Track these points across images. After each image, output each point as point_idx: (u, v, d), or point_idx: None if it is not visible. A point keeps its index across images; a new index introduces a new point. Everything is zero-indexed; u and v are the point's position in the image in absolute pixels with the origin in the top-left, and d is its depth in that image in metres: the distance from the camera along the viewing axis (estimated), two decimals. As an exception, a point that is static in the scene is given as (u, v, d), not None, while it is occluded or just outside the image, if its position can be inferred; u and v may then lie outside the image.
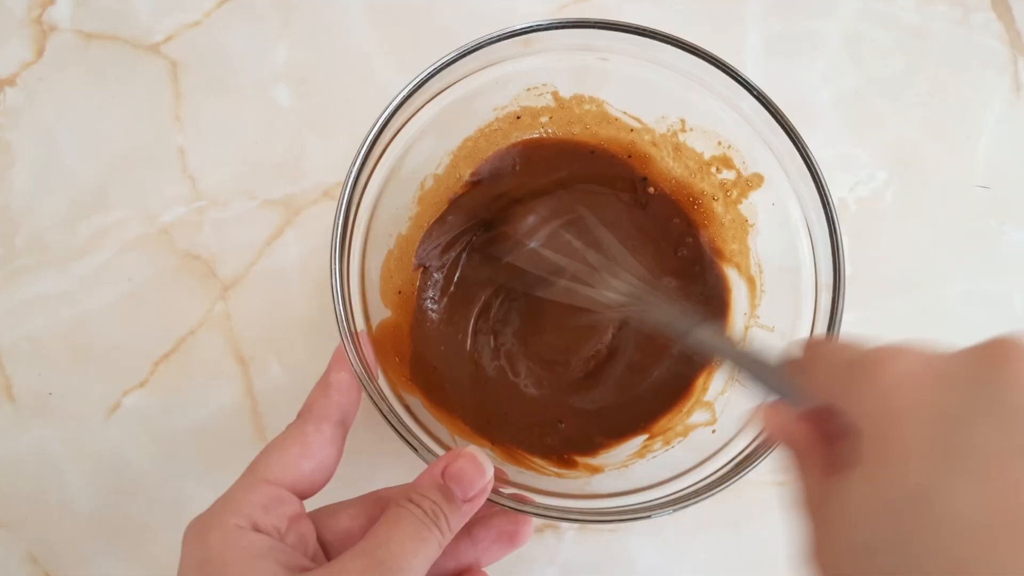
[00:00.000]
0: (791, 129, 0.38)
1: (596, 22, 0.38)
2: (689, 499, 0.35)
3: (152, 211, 0.47)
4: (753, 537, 0.46)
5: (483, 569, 0.36)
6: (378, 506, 0.35)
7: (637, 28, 0.38)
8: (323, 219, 0.47)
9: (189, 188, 0.48)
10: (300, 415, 0.35)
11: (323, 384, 0.35)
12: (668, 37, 0.38)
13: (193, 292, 0.46)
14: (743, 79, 0.38)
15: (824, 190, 0.37)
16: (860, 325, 0.47)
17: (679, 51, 0.38)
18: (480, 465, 0.32)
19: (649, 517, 0.35)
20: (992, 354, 0.23)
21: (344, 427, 0.35)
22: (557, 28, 0.38)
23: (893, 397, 0.23)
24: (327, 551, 0.33)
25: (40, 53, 0.49)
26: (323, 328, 0.46)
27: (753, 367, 0.31)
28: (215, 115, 0.48)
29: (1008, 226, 0.49)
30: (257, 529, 0.30)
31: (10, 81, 0.48)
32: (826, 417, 0.27)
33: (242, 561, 0.28)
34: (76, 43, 0.49)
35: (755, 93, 0.38)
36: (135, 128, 0.48)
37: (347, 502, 0.35)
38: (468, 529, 0.35)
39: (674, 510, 0.35)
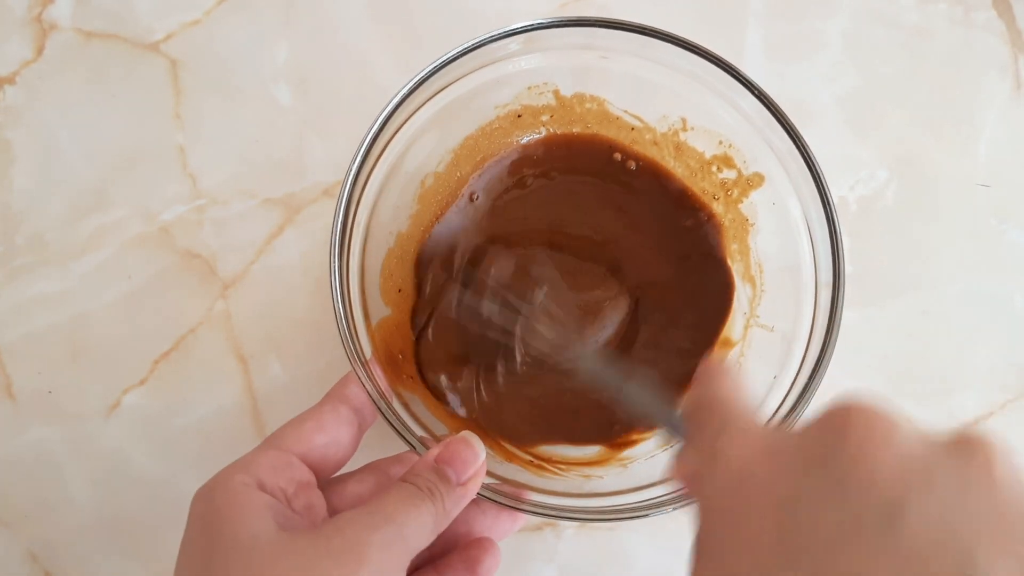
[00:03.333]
0: (791, 128, 0.38)
1: (597, 21, 0.38)
2: (688, 498, 0.35)
3: (152, 210, 0.47)
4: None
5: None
6: (381, 472, 0.36)
7: (638, 27, 0.38)
8: (323, 218, 0.47)
9: (189, 187, 0.48)
10: (320, 400, 0.35)
11: (343, 379, 0.36)
12: (669, 36, 0.38)
13: (193, 291, 0.46)
14: (744, 78, 0.38)
15: (824, 189, 0.37)
16: (860, 324, 0.47)
17: (680, 50, 0.38)
18: (473, 447, 0.33)
19: (647, 516, 0.35)
20: (828, 427, 0.21)
21: (362, 415, 0.35)
22: (558, 27, 0.38)
23: (733, 490, 0.22)
24: None
25: (40, 52, 0.49)
26: (323, 327, 0.46)
27: (664, 418, 0.31)
28: (215, 114, 0.48)
29: (1009, 225, 0.49)
30: (263, 489, 0.30)
31: (10, 80, 0.48)
32: None
33: (240, 515, 0.28)
34: (76, 42, 0.49)
35: (756, 92, 0.38)
36: (135, 127, 0.48)
37: (351, 472, 0.36)
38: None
39: (673, 508, 0.35)
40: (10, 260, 0.47)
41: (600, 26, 0.38)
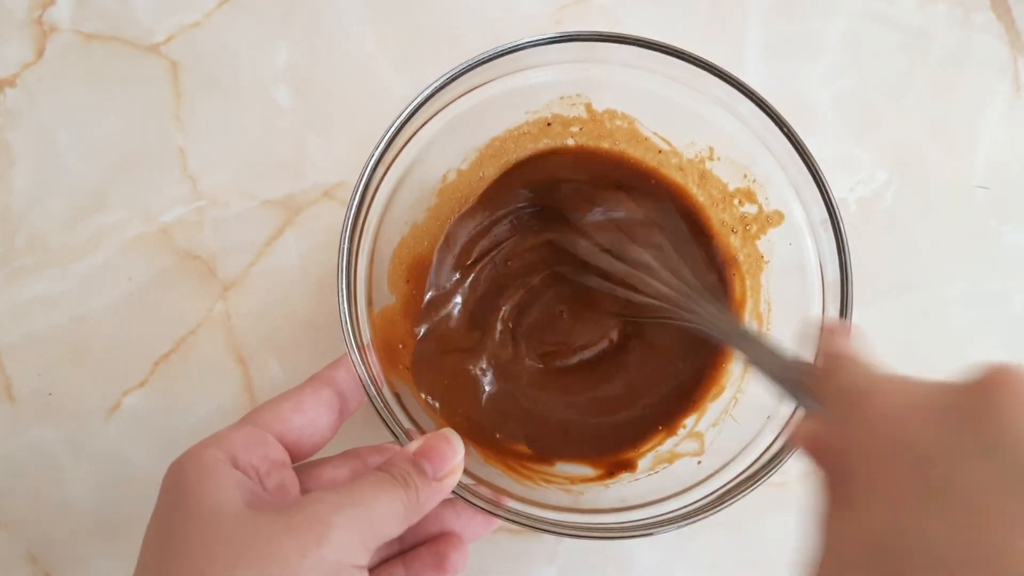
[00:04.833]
0: (818, 175, 0.37)
1: (645, 42, 0.38)
2: (685, 519, 0.35)
3: (152, 211, 0.47)
4: (753, 538, 0.46)
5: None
6: (359, 460, 0.35)
7: (687, 55, 0.38)
8: (323, 219, 0.48)
9: (189, 188, 0.48)
10: (305, 381, 0.35)
11: (333, 362, 0.35)
12: (712, 67, 0.37)
13: (193, 292, 0.47)
14: (779, 117, 0.38)
15: (843, 240, 0.37)
16: (860, 325, 0.47)
17: (718, 80, 0.38)
18: (452, 443, 0.33)
19: (620, 539, 0.35)
20: (985, 387, 0.21)
21: (344, 400, 0.35)
22: (602, 41, 0.38)
23: (879, 434, 0.22)
24: None
25: (40, 54, 0.49)
26: (323, 328, 0.46)
27: (780, 372, 0.31)
28: (215, 115, 0.48)
29: (1008, 226, 0.49)
30: (235, 465, 0.30)
31: (10, 82, 0.48)
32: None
33: (208, 489, 0.28)
34: (76, 43, 0.49)
35: (786, 130, 0.38)
36: (135, 128, 0.48)
37: (328, 457, 0.36)
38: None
39: (647, 533, 0.35)
40: (10, 261, 0.47)
41: (647, 47, 0.38)
